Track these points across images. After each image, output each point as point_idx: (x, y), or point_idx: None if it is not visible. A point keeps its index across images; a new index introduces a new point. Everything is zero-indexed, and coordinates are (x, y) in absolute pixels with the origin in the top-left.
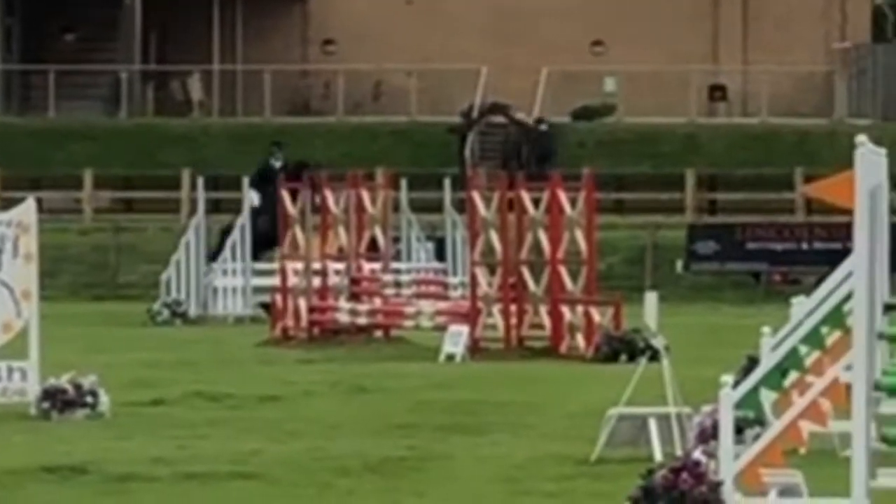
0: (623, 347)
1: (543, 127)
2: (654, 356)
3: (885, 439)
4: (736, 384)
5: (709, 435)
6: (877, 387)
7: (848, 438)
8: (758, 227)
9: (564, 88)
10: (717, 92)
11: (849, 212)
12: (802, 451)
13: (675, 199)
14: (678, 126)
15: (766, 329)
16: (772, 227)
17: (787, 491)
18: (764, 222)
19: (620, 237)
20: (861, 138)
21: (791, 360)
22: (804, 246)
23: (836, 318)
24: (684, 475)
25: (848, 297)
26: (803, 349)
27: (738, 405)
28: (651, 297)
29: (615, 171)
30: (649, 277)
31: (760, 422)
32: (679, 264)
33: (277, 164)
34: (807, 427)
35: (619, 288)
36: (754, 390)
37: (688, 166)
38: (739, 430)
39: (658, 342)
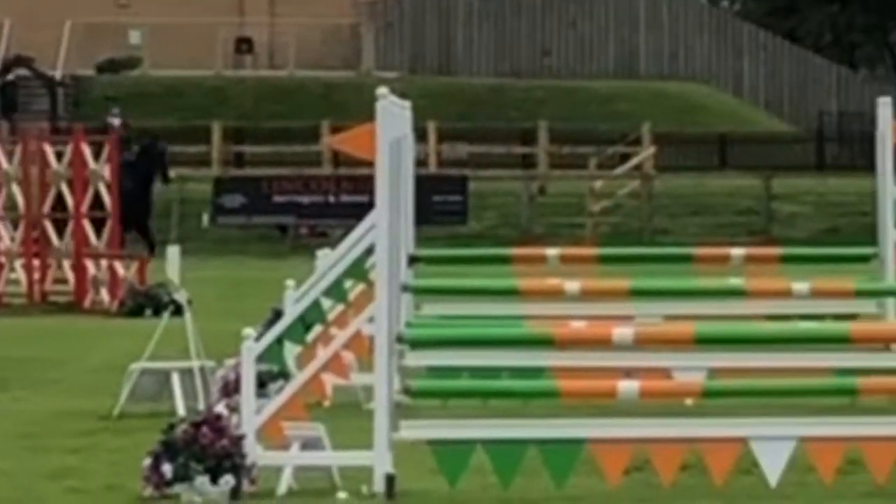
0: (148, 302)
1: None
2: (178, 310)
3: (407, 391)
4: (260, 337)
5: (232, 389)
6: (399, 339)
7: (372, 391)
8: (284, 180)
9: (89, 41)
10: (243, 44)
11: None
12: (327, 403)
13: (202, 151)
14: (205, 79)
15: (289, 282)
16: (298, 180)
17: (309, 444)
18: (290, 175)
19: None
20: (382, 90)
21: (314, 314)
22: (331, 199)
23: (358, 271)
24: (205, 429)
25: (370, 251)
26: (326, 302)
27: (261, 358)
28: (173, 251)
29: (142, 125)
30: (175, 231)
31: (284, 375)
32: (205, 218)
33: (115, 121)
34: (330, 380)
35: None
36: (277, 343)
37: (215, 119)
38: (263, 383)
39: (181, 296)
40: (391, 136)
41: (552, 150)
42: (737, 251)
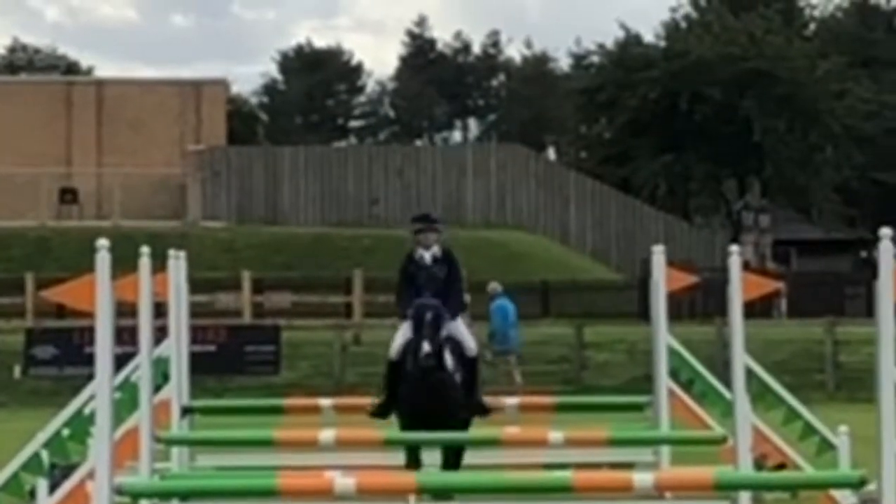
0: None
1: None
2: None
3: None
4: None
5: None
6: (119, 491)
7: None
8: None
9: None
10: (67, 195)
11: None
12: None
13: (17, 303)
14: (28, 229)
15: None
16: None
17: None
18: None
19: None
20: (102, 242)
21: (33, 467)
22: None
23: (80, 424)
24: None
25: (91, 398)
26: (44, 454)
27: None
28: None
29: None
30: None
31: None
32: (17, 369)
33: None
34: None
35: None
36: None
37: (39, 270)
38: None
39: None
40: (107, 285)
41: (368, 299)
42: (511, 401)
